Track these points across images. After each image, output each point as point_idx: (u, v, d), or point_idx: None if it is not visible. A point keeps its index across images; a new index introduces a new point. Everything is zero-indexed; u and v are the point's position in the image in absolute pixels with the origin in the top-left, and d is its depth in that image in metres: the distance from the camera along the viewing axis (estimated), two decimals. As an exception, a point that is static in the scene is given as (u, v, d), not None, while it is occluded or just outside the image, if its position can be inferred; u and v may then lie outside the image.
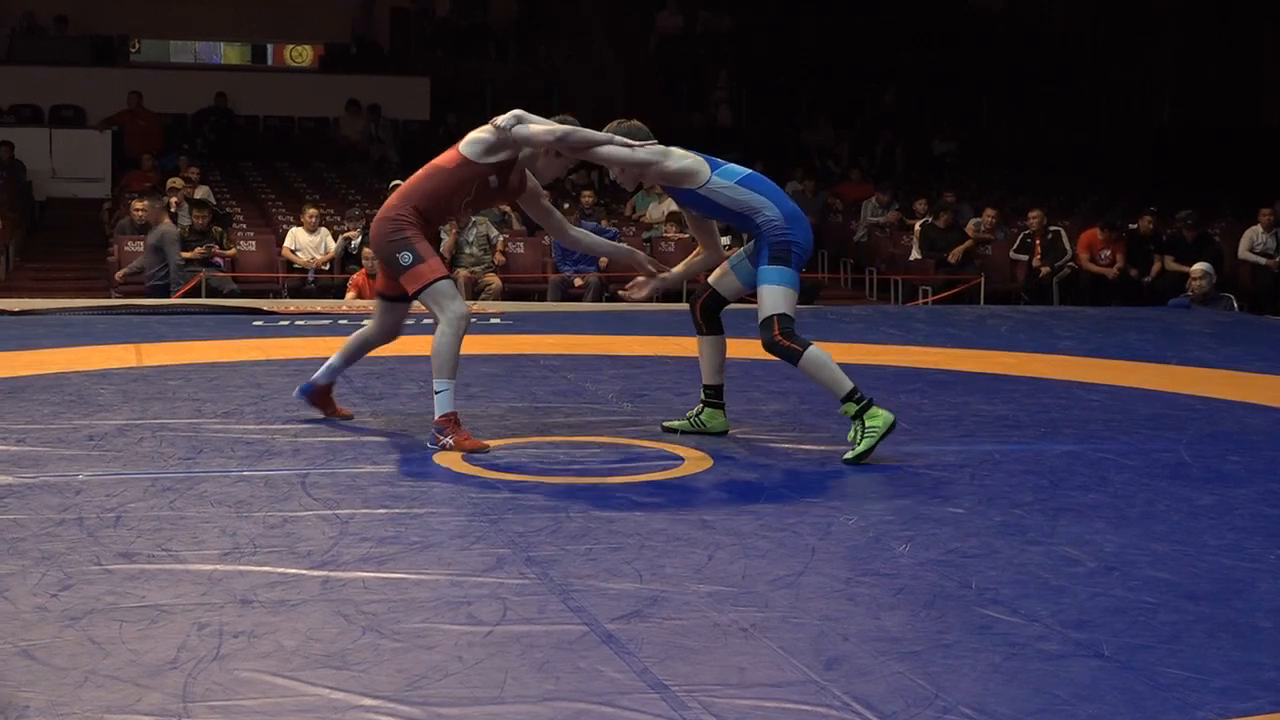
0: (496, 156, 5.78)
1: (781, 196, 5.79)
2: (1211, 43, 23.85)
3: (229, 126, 21.13)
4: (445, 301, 5.68)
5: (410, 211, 5.77)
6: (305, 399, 6.29)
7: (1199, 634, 3.51)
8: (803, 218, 5.79)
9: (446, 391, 5.65)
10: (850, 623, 3.55)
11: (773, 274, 5.64)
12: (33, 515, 4.45)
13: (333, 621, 3.47)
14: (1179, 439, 6.13)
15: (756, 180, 5.79)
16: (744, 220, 5.75)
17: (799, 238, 5.69)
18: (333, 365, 6.28)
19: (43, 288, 15.25)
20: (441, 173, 5.83)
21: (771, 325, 5.63)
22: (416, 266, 5.69)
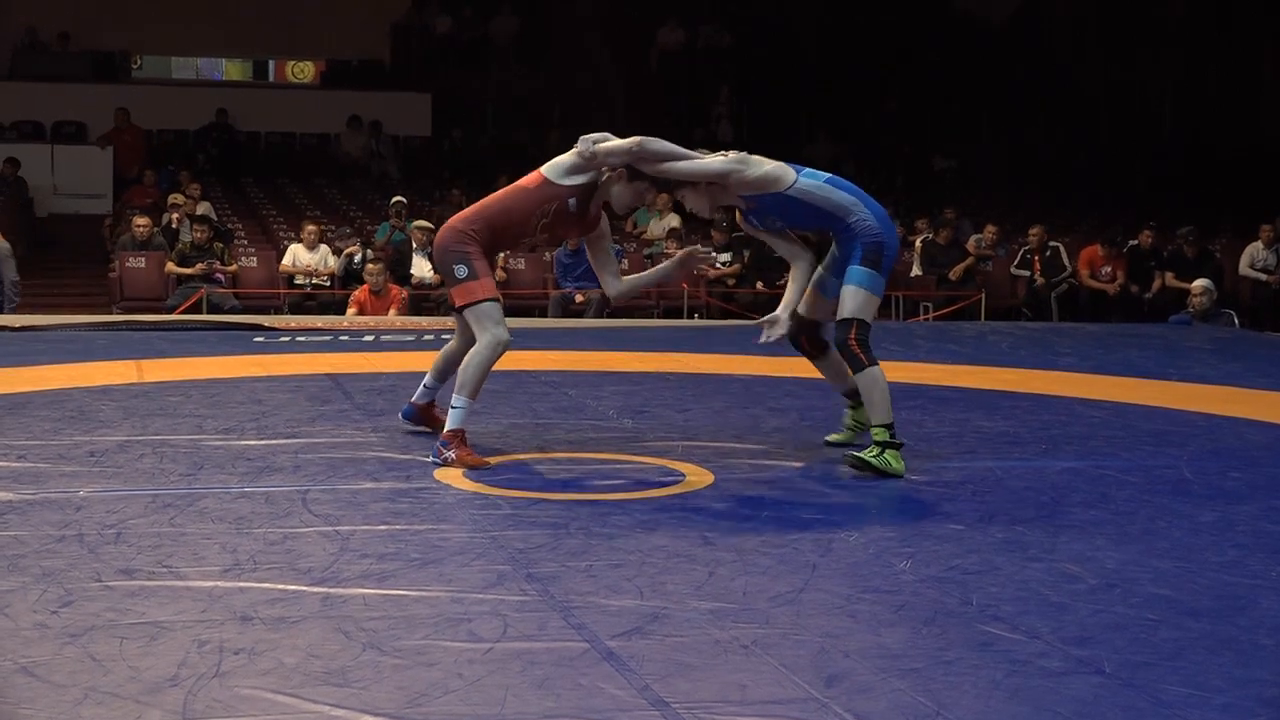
0: (577, 179, 5.79)
1: (869, 198, 5.79)
2: (1211, 59, 23.87)
3: (230, 142, 21.16)
4: (488, 323, 5.72)
5: (481, 226, 5.78)
6: (409, 420, 6.33)
7: (1201, 651, 3.50)
8: (889, 220, 5.82)
9: (463, 409, 5.67)
10: (851, 639, 3.54)
11: (862, 275, 5.65)
12: (33, 531, 4.45)
13: (333, 638, 3.47)
14: (1180, 455, 6.12)
15: (841, 182, 5.79)
16: (835, 221, 5.72)
17: (890, 240, 5.73)
18: (428, 384, 6.30)
19: (44, 304, 15.26)
20: (521, 192, 5.84)
21: (849, 327, 5.65)
22: (468, 282, 5.71)
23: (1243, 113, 23.47)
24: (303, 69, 25.23)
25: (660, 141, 5.71)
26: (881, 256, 5.67)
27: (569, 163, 5.79)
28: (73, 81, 21.00)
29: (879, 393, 5.63)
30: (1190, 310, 12.63)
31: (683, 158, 5.70)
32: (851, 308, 5.66)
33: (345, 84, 22.93)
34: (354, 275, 14.20)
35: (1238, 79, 23.52)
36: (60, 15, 21.61)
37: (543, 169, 5.86)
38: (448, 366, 6.23)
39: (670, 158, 5.70)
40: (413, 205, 16.53)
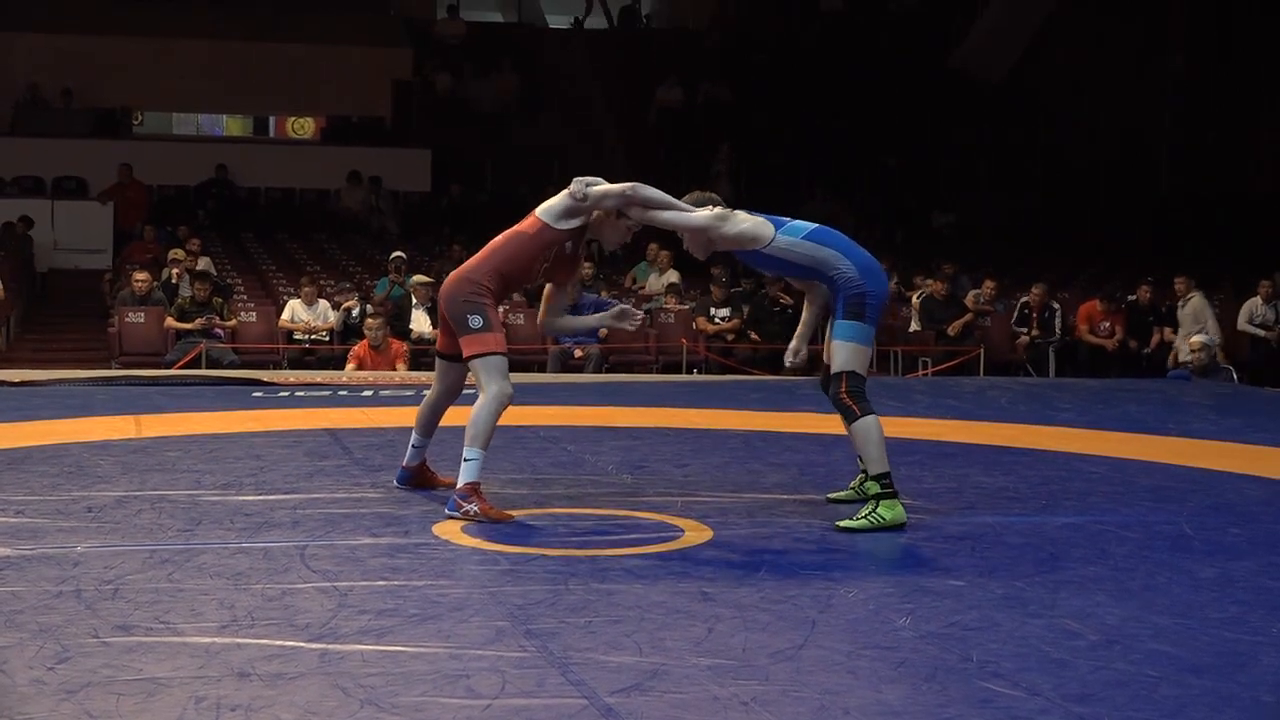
0: (572, 222, 5.89)
1: (853, 247, 5.80)
2: (1209, 114, 24.00)
3: (230, 198, 21.23)
4: (495, 376, 5.83)
5: (491, 274, 5.89)
6: (405, 485, 6.33)
7: (1202, 708, 3.49)
8: (876, 267, 5.82)
9: (476, 461, 5.71)
10: (851, 696, 3.53)
11: (846, 329, 5.71)
12: (31, 587, 4.43)
13: (331, 695, 3.45)
14: (1180, 511, 6.11)
15: (826, 233, 5.82)
16: (819, 275, 5.80)
17: (873, 288, 5.73)
18: (415, 444, 6.32)
19: (43, 359, 15.26)
20: (522, 238, 5.92)
21: (840, 380, 5.70)
22: (482, 333, 5.81)
23: (1241, 166, 23.57)
24: (303, 125, 25.34)
25: (650, 189, 5.82)
26: (864, 307, 5.70)
27: (562, 205, 5.86)
28: (74, 137, 21.10)
29: (872, 444, 5.65)
30: (1189, 366, 12.64)
31: (671, 207, 5.81)
32: (840, 361, 5.72)
33: (345, 140, 23.03)
34: (352, 330, 14.21)
35: (1235, 132, 23.63)
36: (62, 72, 21.73)
37: (538, 212, 5.94)
38: (432, 418, 6.30)
39: (660, 205, 5.81)
40: (412, 261, 16.57)
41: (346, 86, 23.03)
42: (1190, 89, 24.20)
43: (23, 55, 21.97)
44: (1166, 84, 24.44)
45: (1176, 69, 24.28)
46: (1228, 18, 23.93)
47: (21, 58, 21.94)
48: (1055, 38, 25.40)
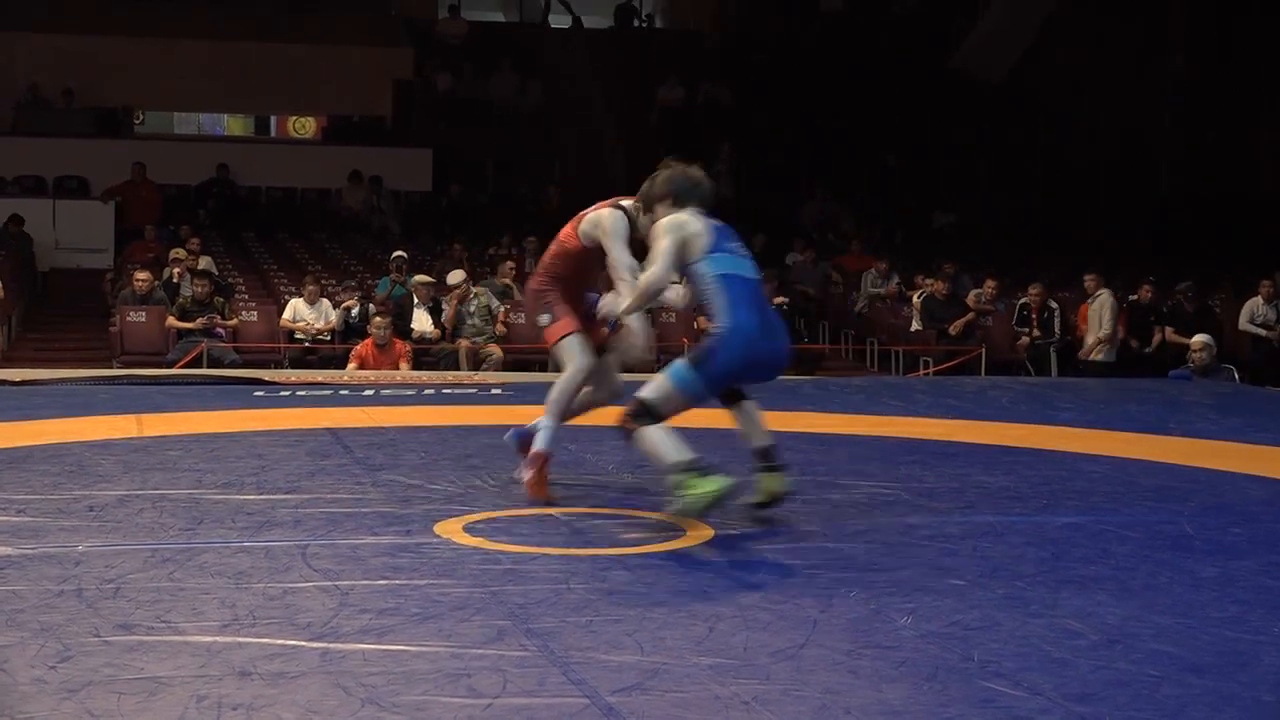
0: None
1: (742, 308, 5.58)
2: (1210, 113, 24.00)
3: (231, 197, 21.24)
4: (572, 354, 6.21)
5: (550, 281, 6.34)
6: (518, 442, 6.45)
7: (1203, 708, 3.49)
8: (751, 337, 5.55)
9: (549, 430, 6.12)
10: (852, 696, 3.53)
11: (679, 369, 5.63)
12: (32, 586, 4.44)
13: (332, 694, 3.46)
14: (1181, 511, 6.11)
15: (730, 283, 5.64)
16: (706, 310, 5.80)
17: (727, 355, 5.55)
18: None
19: (44, 358, 15.27)
20: (570, 253, 6.31)
21: (633, 403, 5.64)
22: (551, 326, 6.27)
23: (1242, 166, 23.57)
24: (304, 124, 25.35)
25: (644, 276, 5.89)
26: (710, 361, 5.56)
27: (593, 235, 6.26)
28: (75, 137, 21.10)
29: (659, 444, 5.53)
30: (1190, 365, 12.64)
31: (637, 281, 5.96)
32: (649, 388, 5.63)
33: (347, 139, 23.05)
34: (353, 329, 14.22)
35: (1236, 133, 23.63)
36: (64, 71, 21.75)
37: (581, 229, 6.29)
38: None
39: (641, 288, 5.94)
40: (413, 260, 16.58)
41: (347, 86, 23.05)
42: (1190, 89, 24.21)
43: (24, 55, 21.99)
44: (1167, 84, 24.45)
45: (1177, 69, 24.28)
46: (1228, 18, 23.93)
47: (23, 57, 21.96)
48: (1055, 38, 25.42)
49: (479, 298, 14.45)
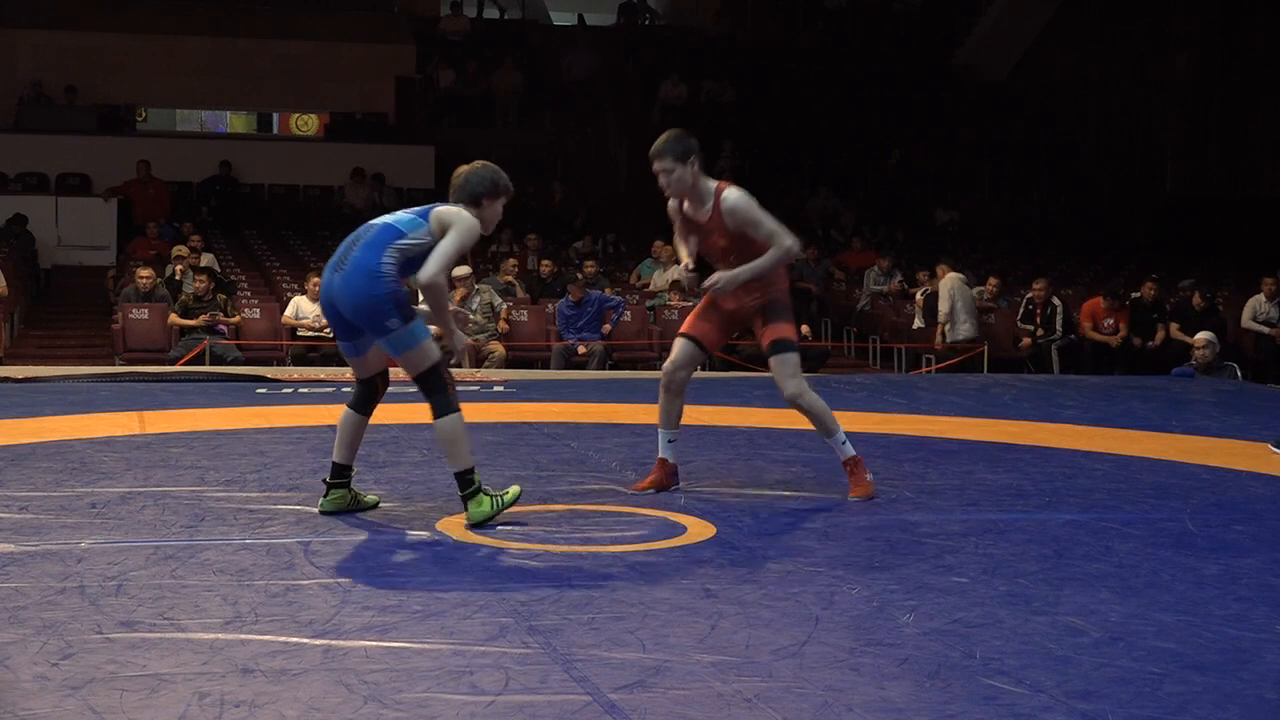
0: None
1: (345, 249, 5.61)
2: (1213, 114, 24.00)
3: (234, 194, 21.24)
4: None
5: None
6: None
7: (1205, 705, 3.49)
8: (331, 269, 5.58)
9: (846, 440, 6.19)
10: (854, 693, 3.53)
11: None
12: (34, 583, 4.44)
13: (334, 691, 3.46)
14: (1183, 508, 6.11)
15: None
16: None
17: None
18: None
19: (47, 355, 15.28)
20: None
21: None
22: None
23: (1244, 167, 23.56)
24: (307, 122, 25.33)
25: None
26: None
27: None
28: (78, 134, 21.10)
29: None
30: (1193, 363, 12.64)
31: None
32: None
33: (349, 137, 23.02)
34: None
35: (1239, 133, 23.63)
36: (66, 68, 21.74)
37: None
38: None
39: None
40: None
41: (350, 83, 23.04)
42: (1194, 88, 24.19)
43: (27, 52, 21.98)
44: (1171, 83, 24.43)
45: (1180, 68, 24.27)
46: (1231, 16, 23.92)
47: (25, 54, 21.95)
48: (1058, 36, 25.42)
49: (482, 295, 14.45)
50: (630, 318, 15.14)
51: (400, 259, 5.48)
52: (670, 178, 6.10)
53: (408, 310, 5.45)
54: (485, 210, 5.73)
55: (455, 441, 5.45)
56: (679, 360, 6.33)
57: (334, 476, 5.70)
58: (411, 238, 5.52)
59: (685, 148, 6.12)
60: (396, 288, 5.44)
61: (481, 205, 5.71)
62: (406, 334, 5.42)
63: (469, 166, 5.83)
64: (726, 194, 6.08)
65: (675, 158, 6.10)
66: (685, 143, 6.15)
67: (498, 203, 5.78)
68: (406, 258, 5.49)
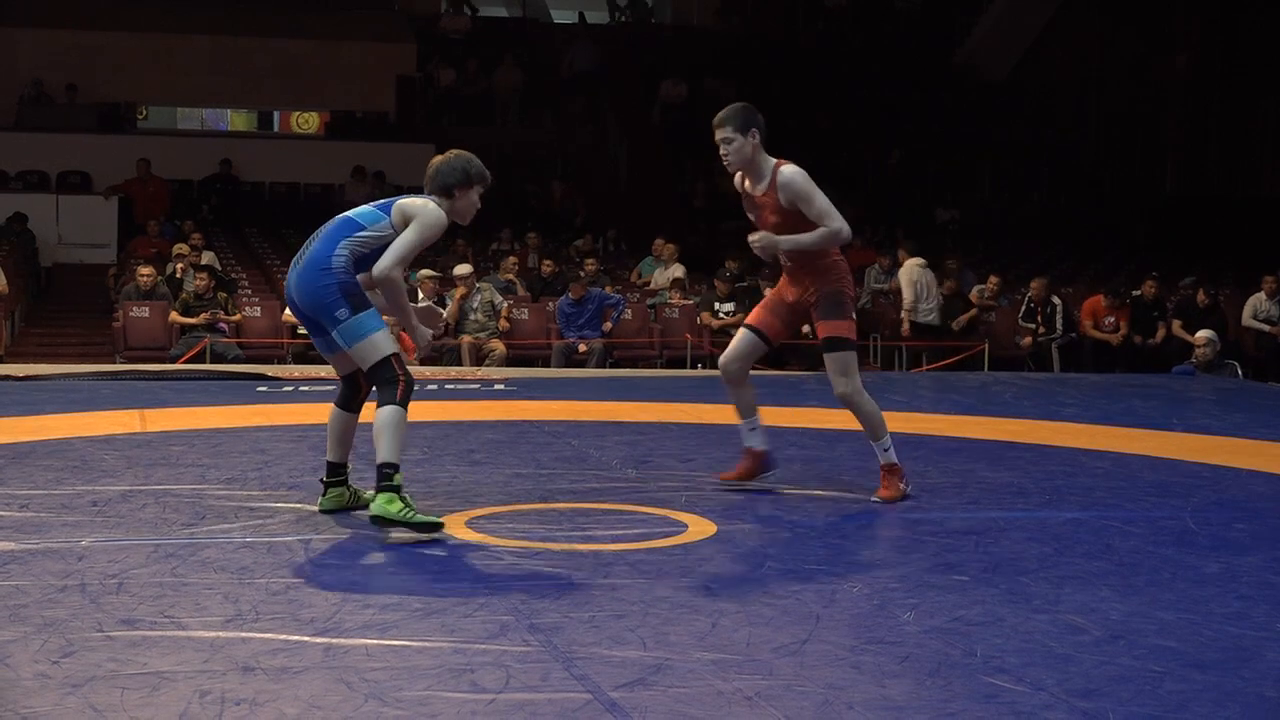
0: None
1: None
2: (1213, 114, 23.99)
3: (234, 192, 21.24)
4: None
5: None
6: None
7: (1206, 703, 3.49)
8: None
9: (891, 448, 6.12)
10: (855, 691, 3.53)
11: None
12: (35, 581, 4.44)
13: (335, 689, 3.46)
14: (1184, 506, 6.11)
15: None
16: None
17: None
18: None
19: (47, 353, 15.28)
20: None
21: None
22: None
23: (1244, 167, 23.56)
24: (307, 120, 25.33)
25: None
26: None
27: None
28: (78, 132, 21.10)
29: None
30: (1194, 361, 12.64)
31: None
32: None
33: (350, 135, 23.02)
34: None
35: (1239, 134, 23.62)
36: (67, 66, 21.74)
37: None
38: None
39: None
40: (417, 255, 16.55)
41: (351, 81, 23.04)
42: (1194, 88, 24.19)
43: (27, 50, 21.98)
44: (1171, 83, 24.43)
45: (1180, 68, 24.27)
46: (1231, 16, 23.92)
47: (26, 52, 21.95)
48: (1059, 35, 25.41)
49: (482, 293, 14.45)
50: (631, 316, 15.15)
51: (356, 252, 5.40)
52: (730, 147, 6.06)
53: (358, 300, 5.34)
54: (458, 201, 5.59)
55: (388, 431, 5.21)
56: (733, 351, 6.24)
57: (330, 475, 5.68)
58: (370, 231, 5.44)
59: (747, 119, 6.08)
60: (346, 278, 5.35)
61: (454, 196, 5.58)
62: (355, 324, 5.31)
63: (441, 157, 5.72)
64: (784, 169, 6.07)
65: (736, 128, 6.05)
66: (748, 114, 6.10)
67: (471, 192, 5.63)
68: (363, 252, 5.41)
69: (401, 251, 5.39)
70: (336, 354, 5.56)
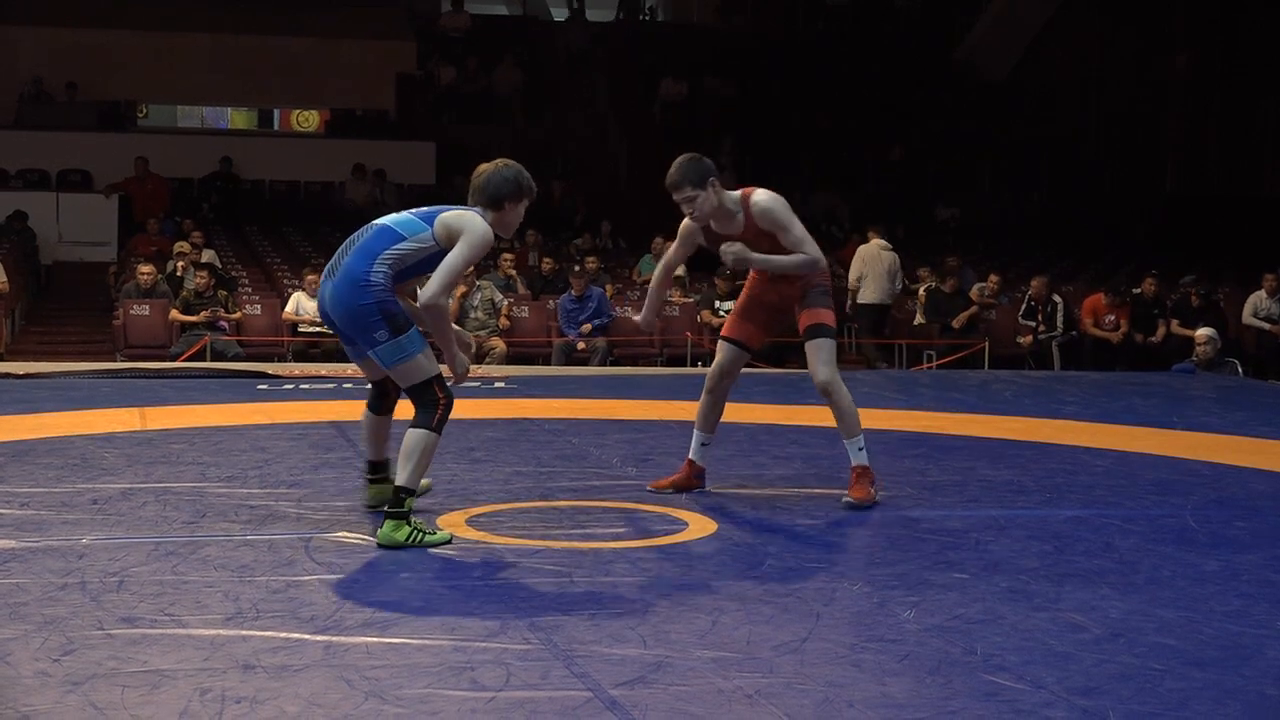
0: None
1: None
2: (1213, 113, 23.98)
3: (234, 191, 21.24)
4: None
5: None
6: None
7: (1206, 701, 3.49)
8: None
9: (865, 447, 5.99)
10: (855, 689, 3.53)
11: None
12: (35, 579, 4.44)
13: (335, 687, 3.46)
14: (1184, 504, 6.11)
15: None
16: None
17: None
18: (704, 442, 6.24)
19: (48, 351, 15.28)
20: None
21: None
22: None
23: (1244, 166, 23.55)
24: (308, 118, 25.33)
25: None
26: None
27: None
28: (78, 130, 21.10)
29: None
30: (1194, 359, 12.63)
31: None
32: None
33: (350, 133, 23.02)
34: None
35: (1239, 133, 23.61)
36: (67, 65, 21.72)
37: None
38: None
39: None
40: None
41: (351, 79, 23.03)
42: (1195, 87, 24.18)
43: (27, 48, 21.97)
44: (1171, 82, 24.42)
45: (1181, 67, 24.27)
46: (1231, 15, 23.91)
47: (26, 51, 21.94)
48: (1059, 34, 25.40)
49: (482, 291, 14.45)
50: (630, 312, 15.18)
51: (395, 267, 5.16)
52: (694, 204, 5.86)
53: (399, 321, 5.10)
54: (507, 214, 5.33)
55: (416, 456, 5.08)
56: (723, 366, 6.19)
57: (371, 472, 5.63)
58: (411, 242, 5.20)
59: (701, 172, 5.85)
60: (385, 297, 5.11)
61: (504, 208, 5.32)
62: (395, 347, 5.11)
63: (490, 165, 5.42)
64: (755, 198, 5.93)
65: (694, 185, 5.83)
66: (700, 166, 5.87)
67: (520, 205, 5.36)
68: (403, 265, 5.18)
69: (450, 276, 5.13)
70: (366, 360, 5.38)
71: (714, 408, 6.22)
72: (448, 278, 5.13)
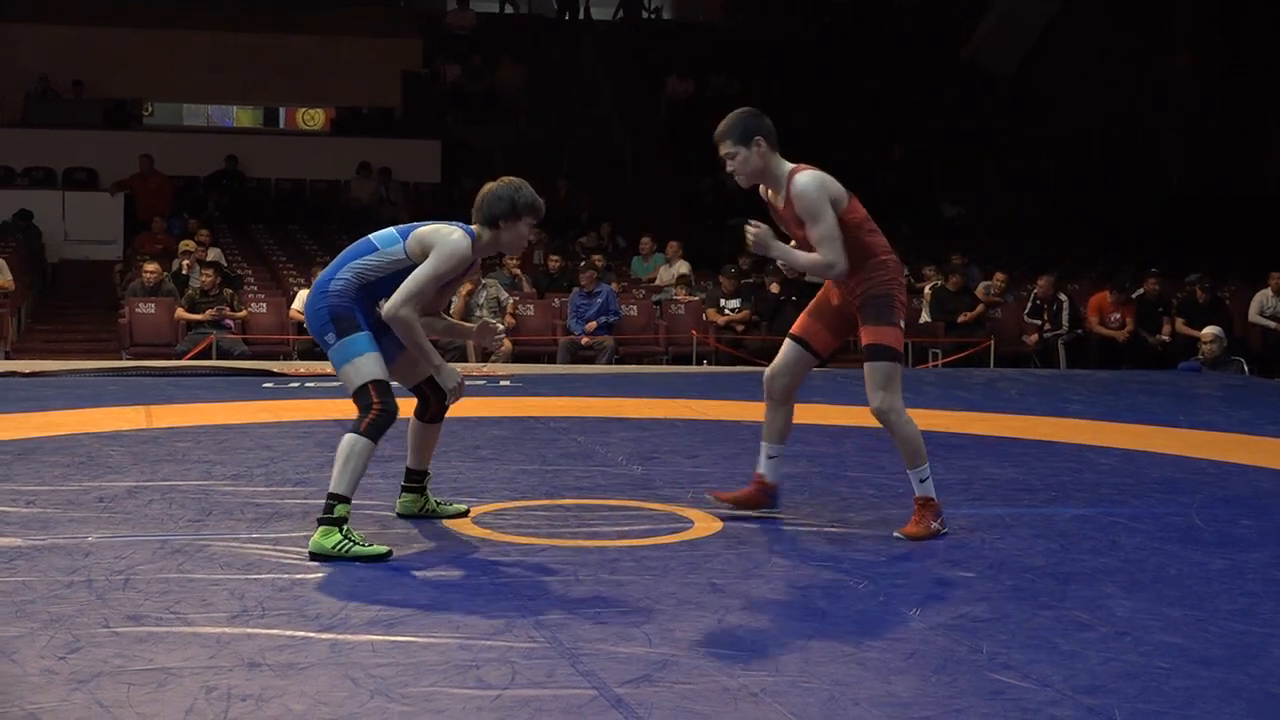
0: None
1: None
2: (1216, 112, 23.96)
3: (240, 189, 21.24)
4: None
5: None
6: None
7: (1212, 699, 3.48)
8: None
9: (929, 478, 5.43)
10: (861, 687, 3.53)
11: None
12: (41, 577, 4.44)
13: (341, 685, 3.46)
14: (1190, 503, 6.11)
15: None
16: None
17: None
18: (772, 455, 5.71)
19: (54, 349, 15.29)
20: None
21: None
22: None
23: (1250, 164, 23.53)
24: (313, 116, 25.33)
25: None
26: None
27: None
28: (84, 128, 21.12)
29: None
30: (1200, 357, 12.62)
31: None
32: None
33: (356, 131, 23.02)
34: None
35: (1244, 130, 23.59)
36: (73, 63, 21.74)
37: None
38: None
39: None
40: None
41: (356, 78, 23.02)
42: (1198, 86, 24.16)
43: (33, 46, 21.98)
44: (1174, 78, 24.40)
45: (1184, 66, 24.25)
46: (1234, 13, 23.89)
47: (32, 49, 21.95)
48: (1063, 32, 25.38)
49: (488, 289, 14.45)
50: (635, 312, 15.18)
51: (362, 278, 5.14)
52: (734, 162, 5.44)
53: (345, 324, 5.06)
54: (505, 233, 5.25)
55: (343, 461, 4.94)
56: (779, 365, 5.63)
57: (407, 480, 5.60)
58: (381, 254, 5.17)
59: (747, 128, 5.41)
60: (338, 301, 5.08)
61: (499, 227, 5.25)
62: (339, 348, 5.07)
63: (489, 186, 5.37)
64: (798, 179, 5.40)
65: (736, 139, 5.42)
66: (748, 122, 5.43)
67: (519, 224, 5.26)
68: (371, 277, 5.14)
69: (412, 289, 5.06)
70: (393, 367, 5.27)
71: (776, 413, 5.65)
72: (410, 289, 5.08)
